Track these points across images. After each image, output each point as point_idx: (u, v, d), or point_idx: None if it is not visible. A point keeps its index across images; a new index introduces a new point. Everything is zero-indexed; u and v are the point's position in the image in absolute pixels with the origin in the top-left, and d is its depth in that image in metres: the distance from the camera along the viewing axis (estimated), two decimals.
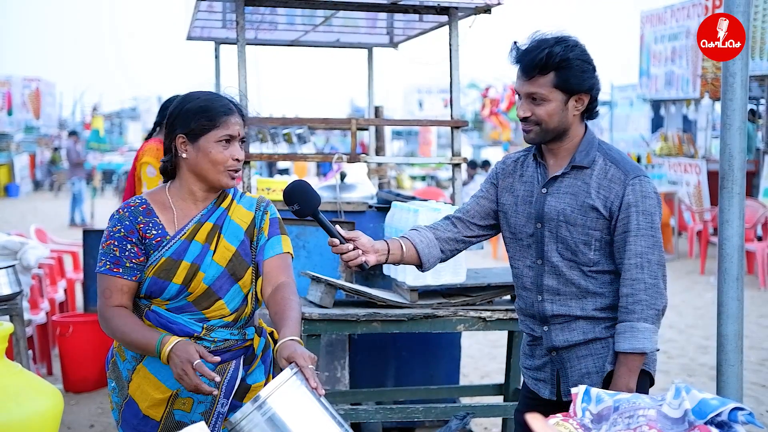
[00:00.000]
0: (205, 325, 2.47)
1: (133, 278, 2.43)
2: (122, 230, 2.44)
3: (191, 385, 2.24)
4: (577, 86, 2.47)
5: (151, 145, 4.82)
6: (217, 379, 2.26)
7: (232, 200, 2.55)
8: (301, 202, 2.44)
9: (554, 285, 2.57)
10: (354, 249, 2.48)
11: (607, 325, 2.55)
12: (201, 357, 2.27)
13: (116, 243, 2.43)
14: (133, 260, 2.43)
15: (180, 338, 2.33)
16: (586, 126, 2.59)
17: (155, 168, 4.72)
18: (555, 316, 2.58)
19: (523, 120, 2.54)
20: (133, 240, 2.43)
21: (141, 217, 2.46)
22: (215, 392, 2.28)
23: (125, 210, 2.47)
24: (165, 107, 4.95)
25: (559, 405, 2.57)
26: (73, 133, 18.99)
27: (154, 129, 5.01)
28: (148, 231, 2.45)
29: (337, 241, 2.48)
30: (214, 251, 2.47)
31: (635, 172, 2.50)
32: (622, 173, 2.50)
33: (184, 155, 2.46)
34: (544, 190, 2.58)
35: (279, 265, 2.52)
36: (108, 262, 2.43)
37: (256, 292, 2.54)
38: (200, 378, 2.25)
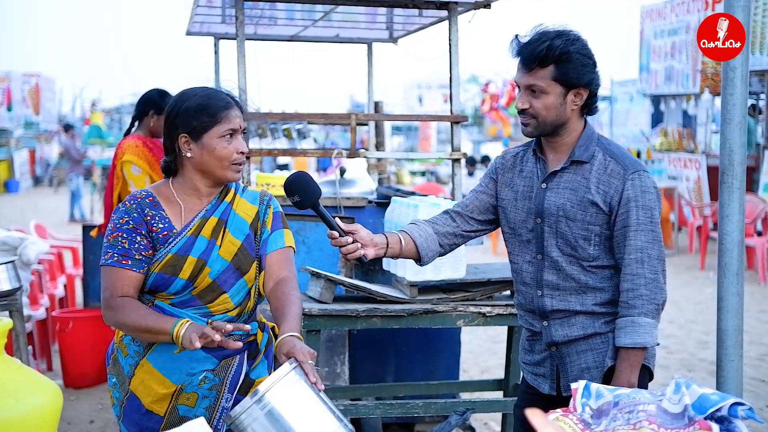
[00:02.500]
0: (209, 320, 2.47)
1: (141, 271, 2.42)
2: (131, 222, 2.42)
3: (213, 337, 2.20)
4: (576, 80, 2.47)
5: (130, 143, 4.71)
6: (247, 328, 2.32)
7: (235, 194, 2.55)
8: (301, 194, 2.43)
9: (554, 280, 2.56)
10: (353, 242, 2.48)
11: (606, 320, 2.55)
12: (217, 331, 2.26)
13: (125, 235, 2.41)
14: (142, 253, 2.41)
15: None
16: (585, 121, 2.59)
17: (139, 166, 4.64)
18: (554, 311, 2.58)
19: (521, 112, 2.54)
20: (143, 232, 2.42)
21: (148, 209, 2.45)
22: (239, 345, 2.30)
23: (132, 202, 2.46)
24: (143, 101, 4.88)
25: (558, 400, 2.57)
26: (69, 128, 18.89)
27: (132, 125, 4.92)
28: (155, 224, 2.44)
29: (336, 233, 2.47)
30: (220, 246, 2.46)
31: (635, 167, 2.49)
32: (622, 168, 2.49)
33: (188, 154, 2.44)
34: (543, 185, 2.58)
35: (281, 260, 2.52)
36: (116, 254, 2.40)
37: (259, 286, 2.54)
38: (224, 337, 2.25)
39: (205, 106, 2.42)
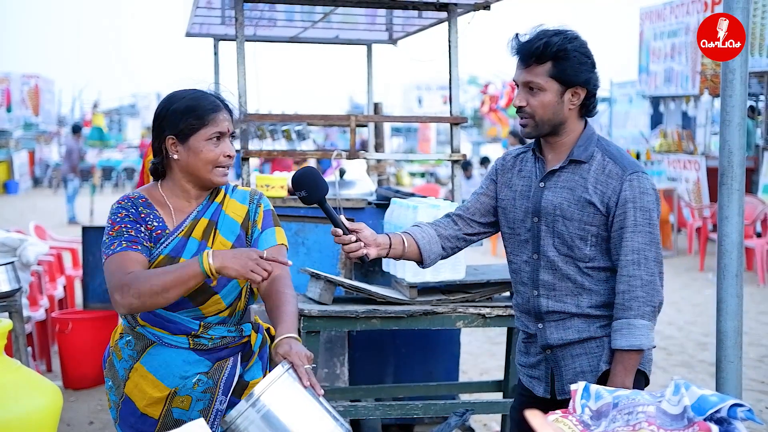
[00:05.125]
0: (202, 323, 2.47)
1: (148, 258, 2.40)
2: (130, 215, 2.43)
3: (262, 269, 2.22)
4: (573, 78, 2.47)
5: None
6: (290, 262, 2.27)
7: (225, 194, 2.55)
8: (309, 189, 2.42)
9: (550, 280, 2.56)
10: (356, 240, 2.48)
11: (602, 324, 2.54)
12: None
13: (129, 226, 2.41)
14: (147, 243, 2.41)
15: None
16: (586, 122, 2.59)
17: None
18: (550, 312, 2.57)
19: (519, 110, 2.54)
20: (143, 226, 2.43)
21: (142, 208, 2.46)
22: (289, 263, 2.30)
23: (126, 201, 2.47)
24: None
25: (552, 403, 2.57)
26: (77, 130, 18.85)
27: None
28: (150, 222, 2.44)
29: (340, 231, 2.46)
30: (211, 247, 2.46)
31: (633, 168, 2.49)
32: (620, 169, 2.49)
33: (175, 156, 2.44)
34: (541, 184, 2.58)
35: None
36: (124, 241, 2.38)
37: (250, 286, 2.54)
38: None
39: (193, 109, 2.41)
